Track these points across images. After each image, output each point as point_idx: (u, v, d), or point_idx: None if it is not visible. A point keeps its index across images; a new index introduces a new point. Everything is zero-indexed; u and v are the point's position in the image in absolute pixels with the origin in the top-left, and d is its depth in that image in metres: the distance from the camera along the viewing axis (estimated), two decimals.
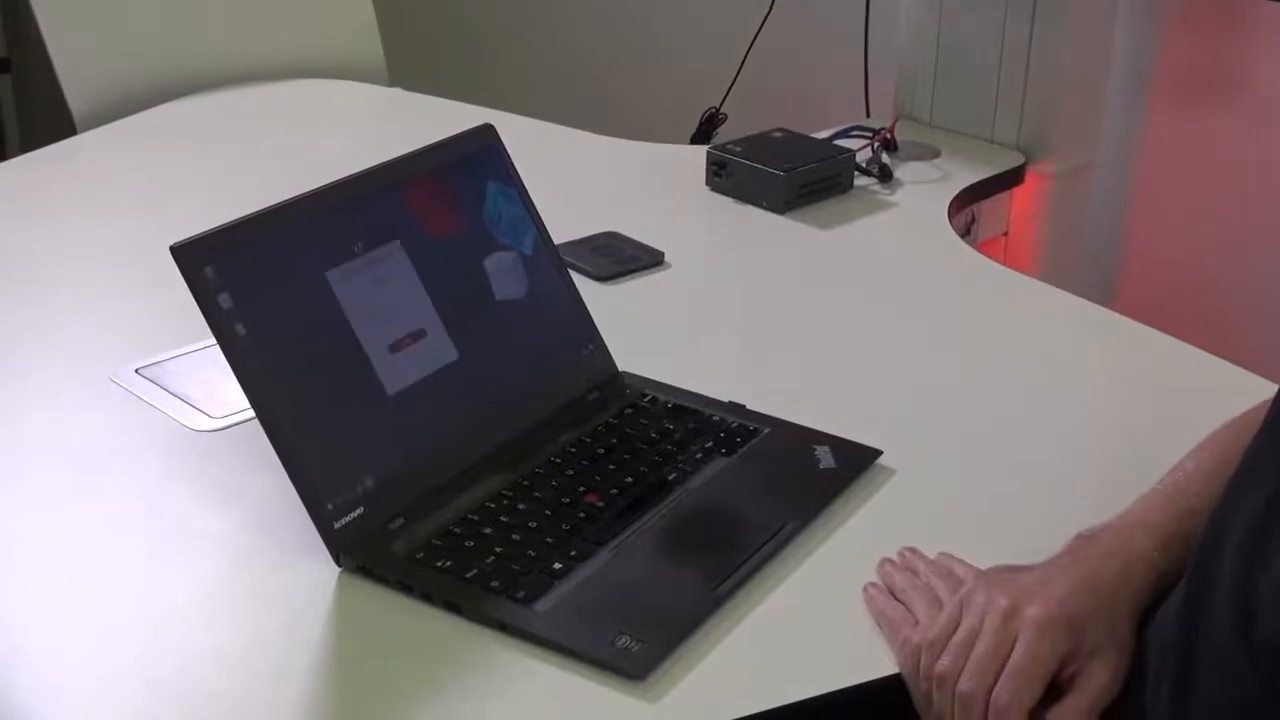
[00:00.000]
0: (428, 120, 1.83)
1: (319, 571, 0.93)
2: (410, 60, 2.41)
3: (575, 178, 1.63)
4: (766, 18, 2.15)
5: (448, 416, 1.02)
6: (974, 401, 1.16)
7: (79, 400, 1.15)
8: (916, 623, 0.87)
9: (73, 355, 1.23)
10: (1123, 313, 1.31)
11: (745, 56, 2.21)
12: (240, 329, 0.93)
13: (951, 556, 0.93)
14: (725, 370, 1.19)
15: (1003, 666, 0.79)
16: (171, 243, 0.92)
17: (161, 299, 1.28)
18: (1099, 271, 1.89)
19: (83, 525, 1.00)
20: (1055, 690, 0.81)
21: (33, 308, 1.32)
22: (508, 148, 1.12)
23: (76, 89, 1.84)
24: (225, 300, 0.92)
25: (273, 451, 0.92)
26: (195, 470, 1.06)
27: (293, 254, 0.97)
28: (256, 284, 0.94)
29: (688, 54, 2.55)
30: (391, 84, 2.01)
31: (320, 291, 0.97)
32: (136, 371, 1.18)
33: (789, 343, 1.26)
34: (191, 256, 0.92)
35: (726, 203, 1.56)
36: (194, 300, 0.92)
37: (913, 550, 0.94)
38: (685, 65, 2.54)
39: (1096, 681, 0.80)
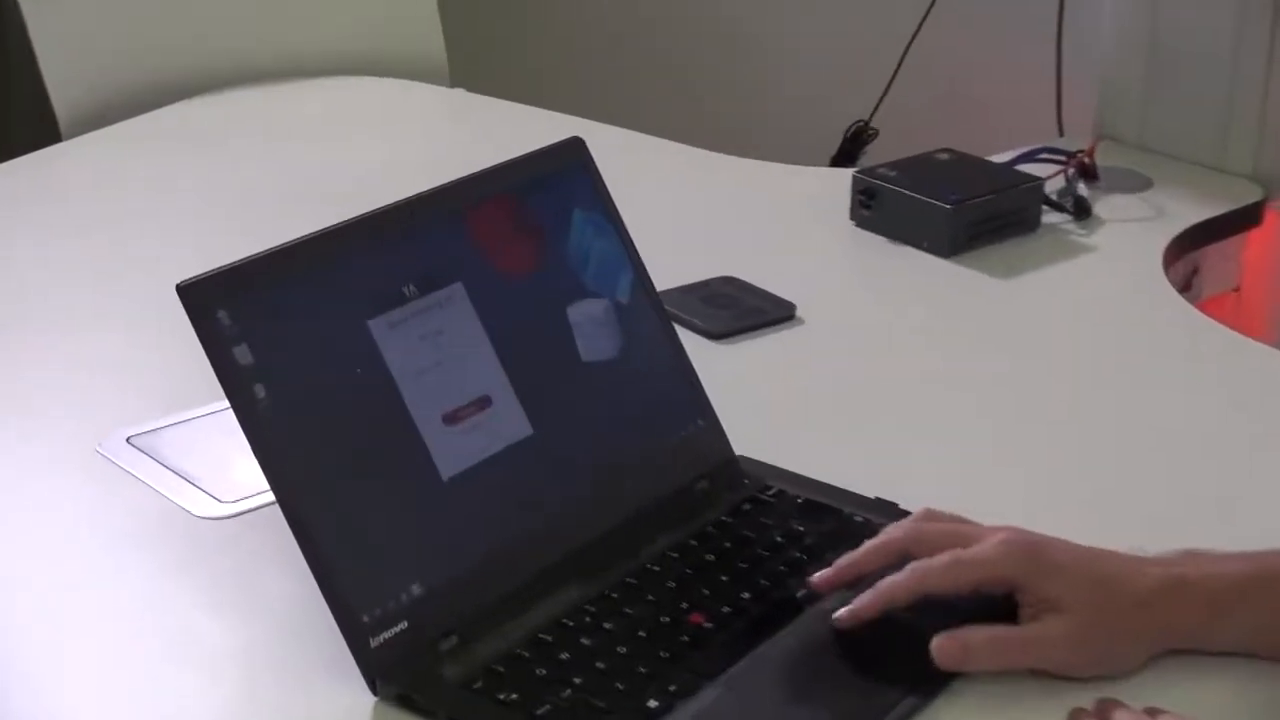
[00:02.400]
0: (498, 129, 1.85)
1: (350, 700, 0.94)
2: (477, 56, 2.43)
3: (684, 207, 1.63)
4: (930, 9, 2.15)
5: (516, 508, 1.02)
6: (1197, 505, 1.14)
7: (55, 476, 1.17)
8: None
9: (48, 417, 1.24)
10: None
11: (902, 57, 2.21)
12: (260, 391, 0.93)
13: (1164, 711, 0.92)
14: (872, 457, 1.19)
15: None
16: (177, 279, 0.93)
17: (161, 349, 1.29)
18: None
19: (61, 634, 1.01)
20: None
21: None
22: (599, 166, 1.13)
23: (64, 85, 1.88)
24: (243, 354, 0.93)
25: (296, 547, 0.93)
26: (199, 567, 1.07)
27: (328, 297, 0.98)
28: (282, 334, 0.95)
29: (828, 53, 2.56)
30: (454, 84, 2.04)
31: (361, 345, 0.98)
32: (128, 441, 1.20)
33: (956, 423, 1.25)
34: (202, 298, 0.93)
35: (876, 242, 1.55)
36: (203, 352, 0.93)
37: (1112, 700, 0.93)
38: (825, 66, 2.55)
39: (1044, 629, 0.94)
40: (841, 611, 0.96)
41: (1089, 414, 1.27)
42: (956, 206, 1.52)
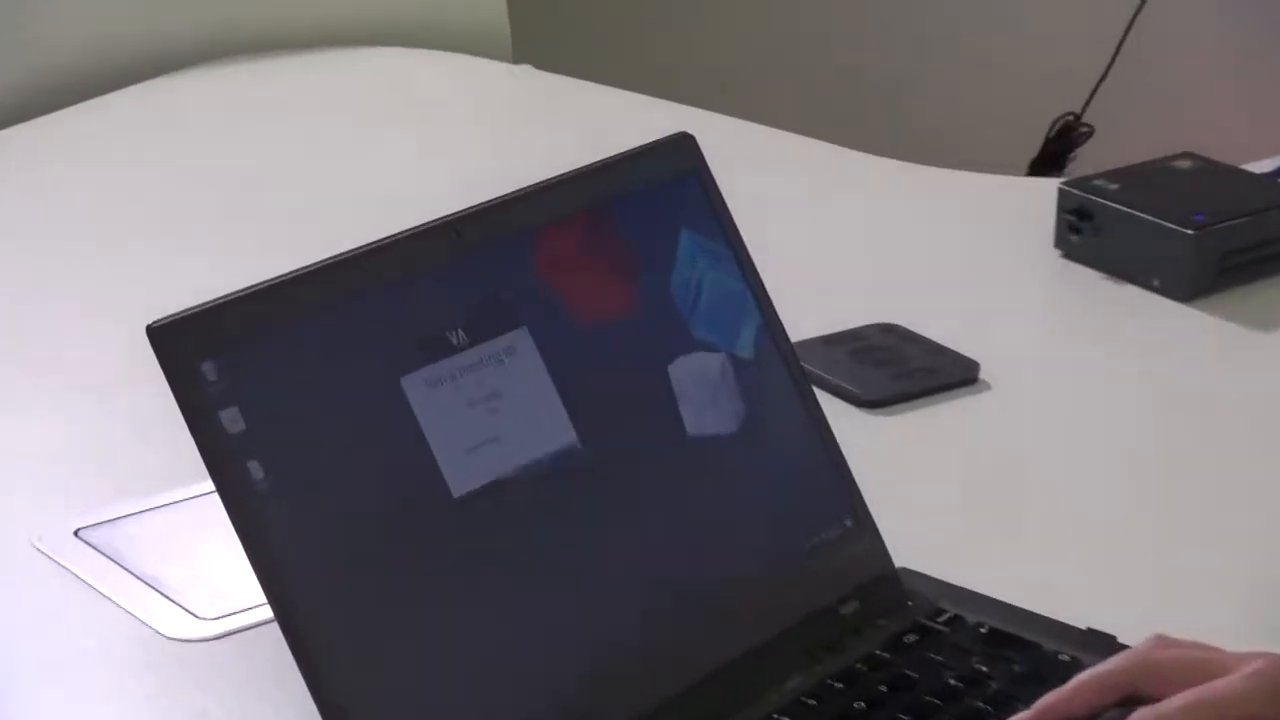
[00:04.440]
0: (575, 118, 1.86)
1: None
2: (547, 23, 2.45)
3: (830, 227, 1.63)
4: None
5: (598, 637, 1.02)
6: None
7: None
8: None
9: None
10: None
11: (1125, 35, 2.20)
12: (256, 469, 0.94)
13: None
14: (1083, 572, 1.18)
15: None
16: (145, 319, 0.93)
17: (121, 412, 1.30)
18: None
19: None
20: None
21: None
22: (714, 171, 1.13)
23: None
24: (233, 420, 0.94)
25: (300, 679, 0.93)
26: (172, 706, 1.07)
27: (348, 346, 0.98)
28: (286, 394, 0.95)
29: (1028, 27, 2.56)
30: (518, 59, 2.05)
31: (391, 410, 0.98)
32: (76, 534, 1.20)
33: (1197, 525, 1.24)
34: (180, 345, 0.93)
35: (1090, 279, 1.55)
36: (180, 417, 0.93)
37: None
38: (1023, 45, 2.54)
39: None
40: None
41: None
42: (1201, 232, 1.51)
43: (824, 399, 1.16)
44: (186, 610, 1.14)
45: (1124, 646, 1.06)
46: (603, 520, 1.03)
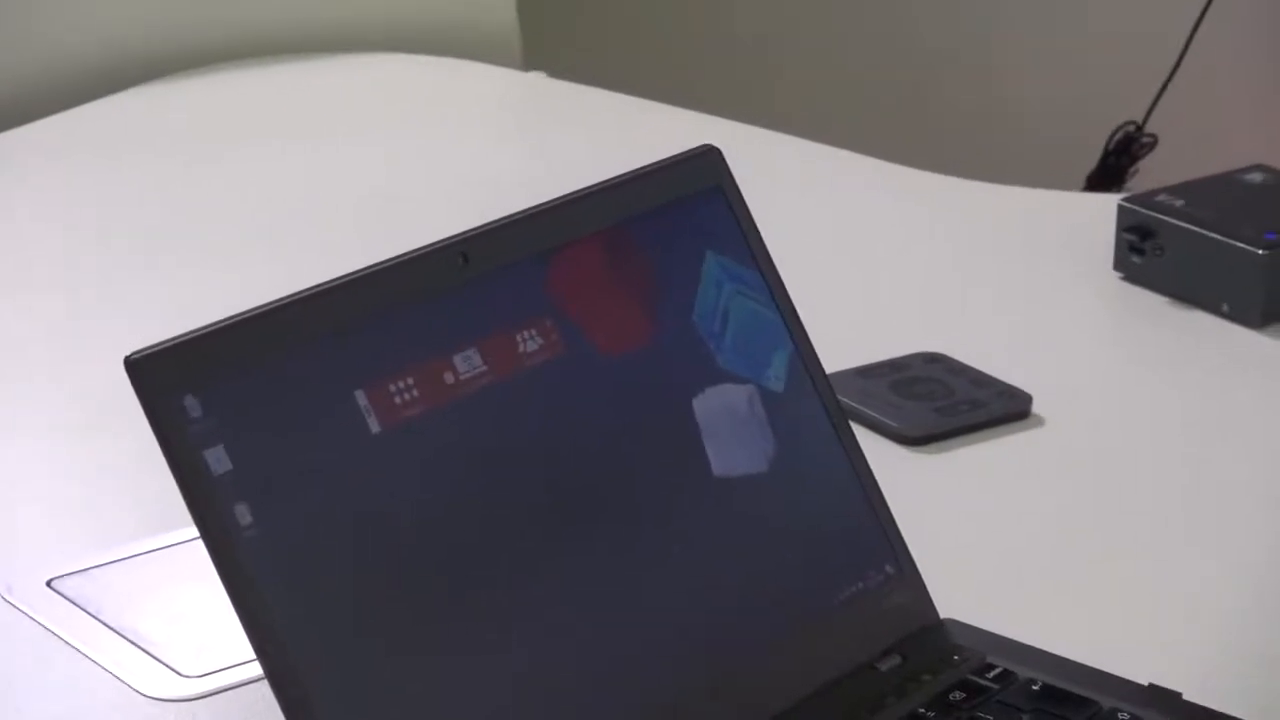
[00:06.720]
0: (590, 129, 1.86)
1: None
2: (559, 28, 2.45)
3: (868, 248, 1.63)
4: None
5: (609, 698, 1.02)
6: None
7: None
8: None
9: None
10: None
11: (1191, 35, 2.21)
12: (244, 513, 0.94)
13: None
14: (1144, 623, 1.18)
15: None
16: (123, 350, 0.94)
17: (97, 450, 1.30)
18: None
19: None
20: None
21: None
22: (742, 188, 1.13)
23: None
24: (218, 460, 0.94)
25: None
26: None
27: (344, 380, 0.98)
28: (277, 433, 0.96)
29: (1084, 27, 2.56)
30: (528, 66, 2.06)
31: (390, 451, 0.99)
32: (48, 585, 1.21)
33: (1274, 576, 1.24)
34: (161, 379, 0.93)
35: (1153, 303, 1.55)
36: (161, 456, 0.94)
37: None
38: (1078, 47, 2.55)
39: None
40: None
41: None
42: (1275, 252, 1.51)
43: (862, 435, 1.16)
44: (168, 667, 1.14)
45: (1190, 705, 1.07)
46: (617, 568, 1.03)
